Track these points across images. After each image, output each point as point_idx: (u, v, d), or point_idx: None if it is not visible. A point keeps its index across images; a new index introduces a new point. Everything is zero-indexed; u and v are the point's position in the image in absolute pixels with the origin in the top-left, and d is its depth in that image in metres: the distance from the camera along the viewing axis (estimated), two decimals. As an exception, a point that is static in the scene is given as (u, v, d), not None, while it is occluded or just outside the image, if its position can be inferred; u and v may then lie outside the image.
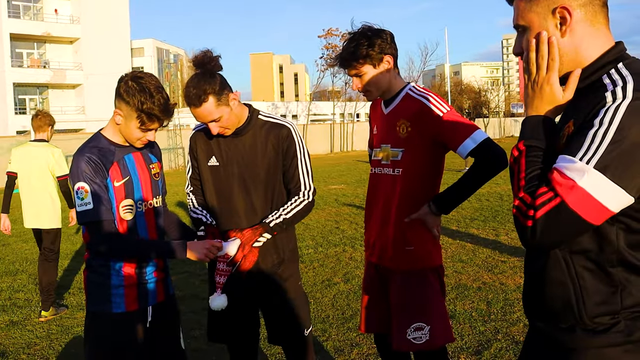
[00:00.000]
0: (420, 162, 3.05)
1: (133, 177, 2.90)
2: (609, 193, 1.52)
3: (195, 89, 2.96)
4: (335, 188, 18.01)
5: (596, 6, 1.70)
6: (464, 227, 10.07)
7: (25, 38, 45.21)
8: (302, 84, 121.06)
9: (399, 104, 3.12)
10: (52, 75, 45.68)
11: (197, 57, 3.05)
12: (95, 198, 2.73)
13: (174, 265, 8.04)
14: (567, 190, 1.55)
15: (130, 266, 2.86)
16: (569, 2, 1.69)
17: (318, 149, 43.38)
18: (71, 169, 2.80)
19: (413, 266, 3.06)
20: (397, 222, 3.07)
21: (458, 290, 6.41)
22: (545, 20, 1.72)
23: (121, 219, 2.85)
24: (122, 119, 2.82)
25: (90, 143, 2.86)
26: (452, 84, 68.40)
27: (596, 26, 1.71)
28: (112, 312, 2.83)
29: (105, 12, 47.39)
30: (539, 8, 1.73)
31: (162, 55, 76.97)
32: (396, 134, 3.09)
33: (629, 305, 1.65)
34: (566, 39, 1.71)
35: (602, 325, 1.67)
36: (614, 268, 1.65)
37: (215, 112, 3.00)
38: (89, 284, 2.90)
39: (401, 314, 3.06)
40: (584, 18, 1.70)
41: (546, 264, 1.74)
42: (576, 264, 1.69)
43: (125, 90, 2.76)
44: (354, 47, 3.02)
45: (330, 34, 49.75)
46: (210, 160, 3.23)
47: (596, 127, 1.55)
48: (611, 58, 1.71)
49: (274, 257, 3.23)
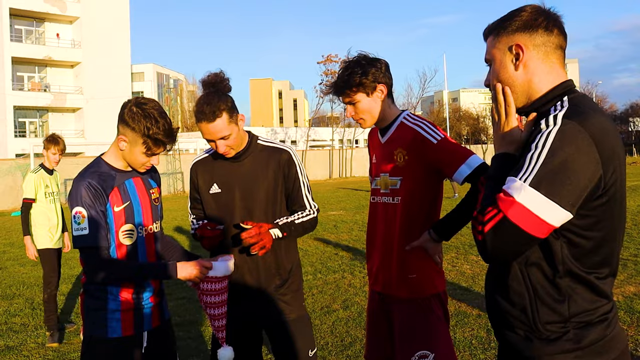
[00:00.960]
0: (418, 190, 3.07)
1: (133, 202, 2.91)
2: (544, 207, 1.74)
3: (209, 105, 3.00)
4: (334, 214, 17.99)
5: (549, 47, 1.99)
6: (463, 254, 10.04)
7: (26, 62, 45.53)
8: (301, 110, 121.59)
9: (395, 132, 3.15)
10: (53, 99, 45.90)
11: (209, 78, 3.11)
12: (92, 224, 2.74)
13: (172, 290, 8.00)
14: (507, 205, 1.77)
15: (127, 291, 2.85)
16: (524, 42, 1.98)
17: (317, 174, 43.44)
18: (71, 193, 2.81)
19: (416, 294, 3.05)
20: (398, 250, 3.07)
21: (458, 317, 6.37)
22: (504, 56, 2.03)
23: (120, 244, 2.85)
24: (126, 145, 2.84)
25: (91, 168, 2.87)
26: (451, 111, 68.77)
27: (548, 64, 1.99)
28: (107, 336, 2.81)
29: (107, 37, 47.77)
30: (500, 45, 2.04)
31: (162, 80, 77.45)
32: (394, 162, 3.11)
33: (575, 313, 1.86)
34: (520, 72, 2.01)
35: (554, 334, 1.88)
36: (561, 279, 1.87)
37: (226, 129, 3.04)
38: (86, 309, 2.88)
39: (405, 342, 3.04)
40: (537, 56, 1.99)
41: (506, 276, 1.96)
42: (531, 275, 1.91)
43: (130, 117, 2.79)
44: (347, 75, 3.08)
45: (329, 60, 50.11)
46: (212, 188, 3.25)
47: (532, 150, 1.80)
48: (559, 92, 1.98)
49: (276, 279, 3.24)
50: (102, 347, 2.83)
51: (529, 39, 1.98)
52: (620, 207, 1.90)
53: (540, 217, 1.74)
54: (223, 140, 3.07)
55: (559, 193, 1.73)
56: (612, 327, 1.92)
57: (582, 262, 1.86)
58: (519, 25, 1.99)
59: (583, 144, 1.75)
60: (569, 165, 1.74)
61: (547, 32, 1.98)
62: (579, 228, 1.82)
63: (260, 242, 3.01)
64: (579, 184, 1.75)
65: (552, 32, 1.99)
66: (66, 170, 28.02)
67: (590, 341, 1.87)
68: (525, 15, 2.00)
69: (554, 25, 1.99)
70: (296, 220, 3.20)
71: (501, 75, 2.05)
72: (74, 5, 46.93)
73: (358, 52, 3.16)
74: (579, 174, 1.75)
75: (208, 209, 3.28)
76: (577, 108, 1.85)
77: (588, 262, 1.87)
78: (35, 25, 46.79)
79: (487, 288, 2.13)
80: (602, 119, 1.84)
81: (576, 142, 1.75)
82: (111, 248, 2.83)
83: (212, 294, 2.94)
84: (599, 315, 1.89)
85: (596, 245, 1.86)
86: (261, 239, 3.01)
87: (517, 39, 1.99)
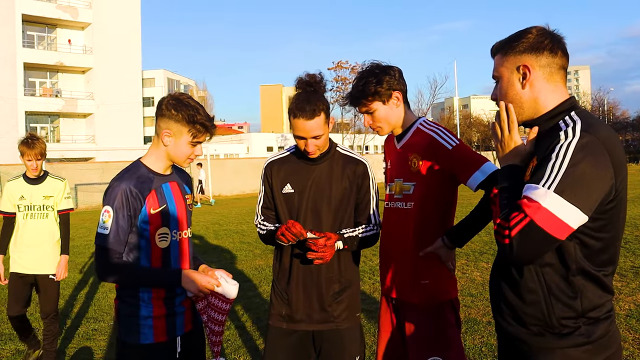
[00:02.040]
0: (432, 196, 3.06)
1: (170, 205, 2.92)
2: (568, 211, 1.91)
3: (310, 103, 3.01)
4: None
5: (553, 68, 2.16)
6: (474, 261, 10.00)
7: (38, 67, 45.89)
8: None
9: (410, 138, 3.16)
10: (64, 104, 46.21)
11: (307, 78, 3.13)
12: (115, 226, 2.76)
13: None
14: (534, 210, 1.92)
15: (159, 297, 2.85)
16: (530, 62, 2.15)
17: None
18: (107, 191, 2.84)
19: (428, 300, 3.05)
20: (411, 255, 3.07)
21: (468, 324, 6.34)
22: (512, 74, 2.19)
23: (155, 247, 2.86)
24: (171, 139, 2.87)
25: (129, 171, 2.89)
26: (461, 117, 68.66)
27: (553, 83, 2.17)
28: (139, 343, 2.82)
29: (118, 43, 48.08)
30: (508, 64, 2.20)
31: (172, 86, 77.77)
32: (408, 168, 3.12)
33: (588, 309, 2.05)
34: (526, 90, 2.18)
35: (567, 329, 2.07)
36: (575, 277, 2.05)
37: (320, 129, 3.05)
38: (120, 315, 2.89)
39: (417, 348, 3.04)
40: (542, 76, 2.16)
41: (520, 275, 2.13)
42: (545, 274, 2.08)
43: (173, 107, 2.83)
44: (362, 85, 3.10)
45: (340, 67, 50.30)
46: (285, 187, 3.24)
47: (553, 160, 1.96)
48: (565, 107, 2.16)
49: (336, 286, 3.20)
50: (135, 354, 2.83)
51: (536, 60, 2.15)
52: (624, 209, 2.10)
53: (564, 220, 1.91)
54: (315, 139, 3.07)
55: (581, 199, 1.91)
56: (614, 324, 2.13)
57: (592, 261, 2.05)
58: (526, 46, 2.16)
59: (600, 154, 1.94)
60: (589, 173, 1.92)
61: (552, 54, 2.15)
62: (591, 230, 2.01)
63: (322, 254, 3.01)
64: (597, 191, 1.94)
65: (557, 54, 2.16)
66: (76, 176, 28.23)
67: (598, 336, 2.06)
68: (532, 37, 2.16)
69: (558, 47, 2.16)
70: (360, 235, 3.18)
71: (509, 92, 2.21)
72: (86, 12, 47.27)
73: (370, 62, 3.18)
74: (597, 182, 1.93)
75: (279, 209, 3.26)
76: (589, 121, 2.03)
77: (597, 260, 2.06)
78: (47, 31, 47.16)
79: (494, 287, 2.30)
80: (610, 131, 2.04)
81: (594, 153, 1.94)
82: (145, 251, 2.84)
83: (219, 311, 2.94)
84: (606, 311, 2.09)
85: (605, 246, 2.05)
86: (324, 251, 3.01)
87: (524, 59, 2.16)
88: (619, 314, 6.56)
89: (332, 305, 3.18)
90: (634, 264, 9.31)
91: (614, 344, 2.11)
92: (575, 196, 1.91)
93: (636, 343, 5.62)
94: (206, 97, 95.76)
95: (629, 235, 12.24)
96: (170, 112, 2.82)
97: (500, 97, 2.25)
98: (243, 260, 10.87)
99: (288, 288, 3.19)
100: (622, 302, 7.03)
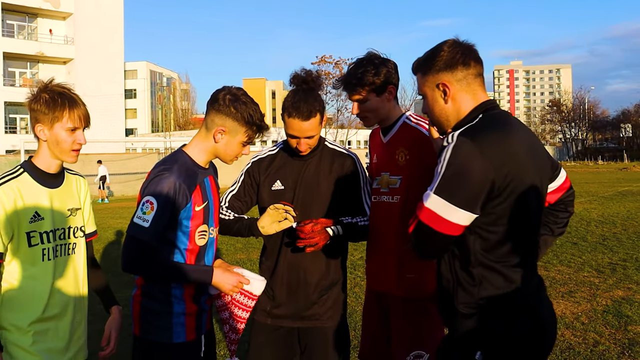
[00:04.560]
0: (418, 189, 3.03)
1: (210, 202, 2.80)
2: (446, 209, 2.12)
3: (306, 103, 2.97)
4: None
5: (469, 79, 2.33)
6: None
7: (18, 57, 45.33)
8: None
9: (397, 132, 3.17)
10: (44, 95, 45.63)
11: (302, 74, 3.08)
12: (156, 221, 2.58)
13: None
14: (421, 211, 2.17)
15: (190, 294, 2.73)
16: (447, 79, 2.32)
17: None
18: (152, 180, 2.64)
19: (414, 294, 3.06)
20: (397, 249, 3.06)
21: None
22: (434, 92, 2.37)
23: (194, 245, 2.74)
24: (225, 136, 2.72)
25: (178, 162, 2.71)
26: (443, 114, 68.82)
27: (470, 93, 2.34)
28: (172, 342, 2.69)
29: (100, 34, 47.61)
30: (429, 83, 2.38)
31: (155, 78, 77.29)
32: (395, 161, 3.12)
33: (484, 296, 2.21)
34: (449, 104, 2.35)
35: (468, 311, 2.24)
36: (474, 268, 2.22)
37: (315, 129, 3.03)
38: (145, 312, 2.72)
39: (401, 341, 3.05)
40: (461, 89, 2.33)
41: (441, 264, 2.34)
42: (455, 264, 2.28)
43: (231, 105, 2.68)
44: (361, 72, 3.05)
45: (323, 61, 50.21)
46: (275, 184, 3.20)
47: (439, 164, 2.18)
48: (477, 112, 2.31)
49: (322, 283, 3.18)
50: (167, 353, 2.70)
51: (452, 76, 2.32)
52: (523, 205, 2.20)
53: (445, 217, 2.13)
54: (308, 139, 3.04)
55: (456, 197, 2.11)
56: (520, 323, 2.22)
57: (491, 253, 2.21)
58: (441, 65, 2.32)
59: (473, 156, 2.11)
60: (461, 174, 2.12)
61: (465, 66, 2.31)
62: (484, 224, 2.18)
63: (312, 239, 2.97)
64: (471, 188, 2.11)
65: (470, 65, 2.32)
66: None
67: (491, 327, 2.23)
68: (444, 55, 2.32)
69: (469, 58, 2.33)
70: (359, 223, 3.16)
71: (435, 108, 2.40)
72: (68, 1, 46.71)
73: (369, 50, 3.15)
74: (470, 180, 2.11)
75: (266, 206, 3.17)
76: (478, 125, 2.23)
77: (497, 253, 2.21)
78: (27, 20, 46.59)
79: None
80: (498, 132, 2.21)
81: (467, 155, 2.12)
82: (182, 247, 2.71)
83: (243, 308, 2.88)
84: (507, 299, 2.21)
85: (502, 239, 2.20)
86: (312, 237, 2.97)
87: (441, 77, 2.33)
88: (596, 309, 6.65)
89: (318, 302, 3.17)
90: (611, 260, 9.45)
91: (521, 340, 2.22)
92: (451, 195, 2.12)
93: (612, 338, 5.70)
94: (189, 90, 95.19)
95: (607, 233, 12.41)
96: (229, 109, 2.67)
97: (428, 112, 2.45)
98: (224, 254, 10.84)
99: (273, 284, 3.16)
100: (600, 298, 7.14)
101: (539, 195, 2.29)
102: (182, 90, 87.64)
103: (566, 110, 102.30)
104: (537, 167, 2.29)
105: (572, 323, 6.19)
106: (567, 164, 73.03)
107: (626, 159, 75.29)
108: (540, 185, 2.29)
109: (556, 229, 2.73)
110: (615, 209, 17.16)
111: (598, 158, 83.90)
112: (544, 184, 2.37)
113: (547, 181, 2.44)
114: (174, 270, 2.68)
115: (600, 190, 25.48)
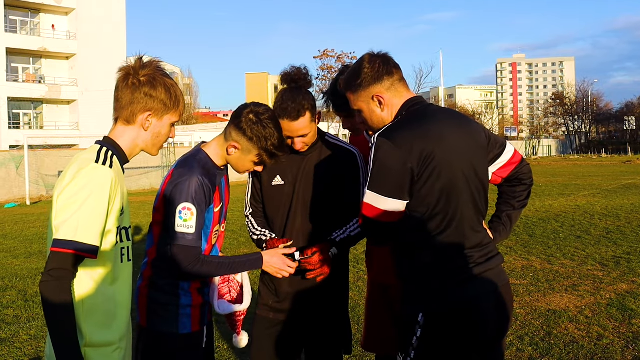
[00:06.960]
0: None
1: (224, 202, 2.88)
2: (379, 201, 2.44)
3: (294, 103, 2.95)
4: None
5: (395, 84, 2.60)
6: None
7: (21, 53, 45.28)
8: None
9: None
10: (47, 91, 45.67)
11: (289, 73, 3.06)
12: (198, 225, 2.65)
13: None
14: (362, 207, 2.51)
15: (196, 286, 2.79)
16: (379, 91, 2.58)
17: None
18: (180, 182, 2.66)
19: None
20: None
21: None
22: (369, 105, 2.61)
23: (209, 243, 2.81)
24: (237, 152, 2.80)
25: (200, 162, 2.77)
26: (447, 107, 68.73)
27: (398, 96, 2.61)
28: (178, 333, 2.74)
29: (102, 29, 47.52)
30: (363, 98, 2.62)
31: (157, 73, 77.14)
32: None
33: (417, 267, 2.49)
34: (385, 111, 2.61)
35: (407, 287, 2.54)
36: (410, 245, 2.50)
37: (307, 128, 3.01)
38: (152, 303, 2.75)
39: None
40: (391, 95, 2.60)
41: (394, 248, 2.62)
42: (399, 244, 2.56)
43: (249, 126, 2.75)
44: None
45: (325, 55, 50.16)
46: (275, 179, 3.19)
47: (368, 164, 2.51)
48: (402, 111, 2.58)
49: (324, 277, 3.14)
50: (173, 343, 2.74)
51: (381, 86, 2.57)
52: (448, 182, 2.43)
53: (380, 207, 2.44)
54: (301, 137, 3.03)
55: (383, 188, 2.43)
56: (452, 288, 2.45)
57: (419, 231, 2.47)
58: (369, 80, 2.57)
59: (389, 150, 2.41)
60: (383, 168, 2.42)
61: (389, 75, 2.58)
62: (412, 206, 2.45)
63: (321, 269, 2.99)
64: (394, 179, 2.41)
65: (392, 72, 2.59)
66: (60, 163, 27.90)
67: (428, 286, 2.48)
68: (368, 70, 2.57)
69: (390, 66, 2.60)
70: (353, 232, 3.11)
71: (374, 118, 2.63)
72: (70, -3, 46.67)
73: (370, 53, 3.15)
74: (391, 172, 2.41)
75: (267, 201, 3.22)
76: (395, 123, 2.53)
77: (426, 229, 2.45)
78: (30, 16, 46.51)
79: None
80: (413, 124, 2.48)
81: (384, 151, 2.41)
82: (202, 246, 2.75)
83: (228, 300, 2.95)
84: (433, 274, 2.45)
85: (426, 219, 2.44)
86: (321, 266, 2.98)
87: (372, 90, 2.58)
88: (600, 303, 6.64)
89: (320, 297, 3.16)
90: (615, 253, 9.43)
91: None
92: (380, 188, 2.43)
93: (616, 332, 5.68)
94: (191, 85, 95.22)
95: (610, 226, 12.38)
96: (246, 130, 2.74)
97: (368, 124, 2.68)
98: (227, 248, 10.84)
99: (275, 278, 3.13)
100: (603, 292, 7.12)
101: (470, 172, 2.50)
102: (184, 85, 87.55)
103: (569, 103, 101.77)
104: (466, 147, 2.51)
105: (575, 317, 6.17)
106: (571, 157, 72.95)
107: (630, 152, 75.17)
108: (470, 163, 2.51)
109: (516, 203, 2.85)
110: (619, 202, 17.12)
111: (602, 151, 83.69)
112: (478, 162, 2.55)
113: (482, 159, 2.60)
114: (227, 267, 2.77)
115: (604, 183, 25.42)
